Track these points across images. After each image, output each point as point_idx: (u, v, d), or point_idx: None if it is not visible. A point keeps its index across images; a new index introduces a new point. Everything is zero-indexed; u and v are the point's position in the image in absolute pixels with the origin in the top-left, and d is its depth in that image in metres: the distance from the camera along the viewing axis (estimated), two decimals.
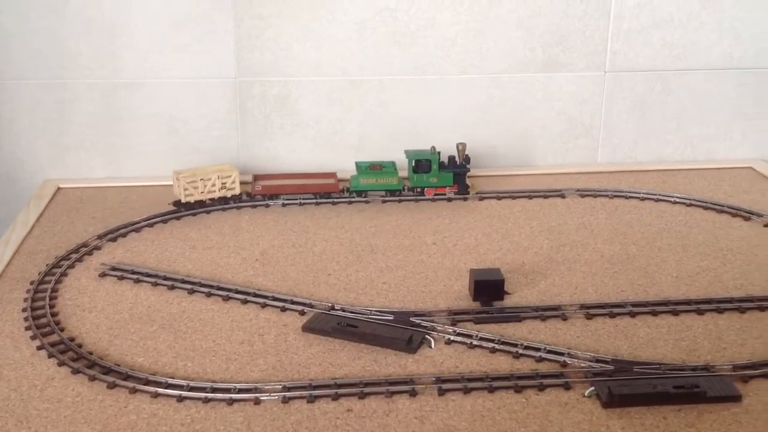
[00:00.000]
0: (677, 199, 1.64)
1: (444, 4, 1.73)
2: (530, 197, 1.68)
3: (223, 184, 1.60)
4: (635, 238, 1.49)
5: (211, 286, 1.30)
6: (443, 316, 1.23)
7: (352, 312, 1.24)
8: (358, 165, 1.68)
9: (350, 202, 1.65)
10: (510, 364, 1.12)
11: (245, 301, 1.27)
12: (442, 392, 1.06)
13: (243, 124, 1.77)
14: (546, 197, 1.68)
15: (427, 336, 1.18)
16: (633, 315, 1.23)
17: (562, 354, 1.13)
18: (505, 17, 1.75)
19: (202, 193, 1.59)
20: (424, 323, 1.21)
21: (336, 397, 1.04)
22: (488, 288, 1.28)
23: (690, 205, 1.62)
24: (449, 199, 1.66)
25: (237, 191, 1.62)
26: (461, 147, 1.65)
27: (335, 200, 1.64)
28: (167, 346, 1.16)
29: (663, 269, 1.37)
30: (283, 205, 1.63)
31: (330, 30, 1.73)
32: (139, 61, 1.72)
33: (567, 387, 1.07)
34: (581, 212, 1.61)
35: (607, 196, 1.68)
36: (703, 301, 1.26)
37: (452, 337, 1.18)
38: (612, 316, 1.23)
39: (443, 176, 1.65)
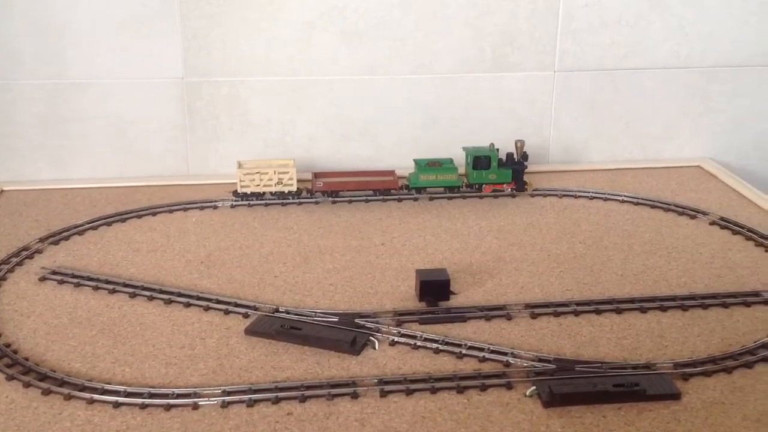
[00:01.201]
0: (625, 198, 1.65)
1: (393, 4, 1.73)
2: (480, 197, 1.68)
3: (280, 179, 1.62)
4: (582, 237, 1.49)
5: (154, 290, 1.28)
6: (388, 317, 1.22)
7: (296, 314, 1.22)
8: (416, 162, 1.68)
9: (299, 204, 1.64)
10: (453, 364, 1.12)
11: (188, 305, 1.25)
12: (384, 394, 1.05)
13: (192, 125, 1.75)
14: (496, 197, 1.68)
15: (371, 337, 1.17)
16: (577, 314, 1.24)
17: (505, 354, 1.13)
18: (454, 17, 1.75)
19: (257, 185, 1.61)
20: (369, 324, 1.20)
21: (276, 401, 1.03)
22: (434, 288, 1.28)
23: (637, 203, 1.63)
24: (399, 200, 1.66)
25: (294, 188, 1.64)
26: (519, 144, 1.66)
27: (338, 199, 1.65)
28: (106, 351, 1.14)
29: (608, 268, 1.38)
30: (232, 206, 1.62)
31: (279, 29, 1.72)
32: (85, 61, 1.69)
33: (509, 387, 1.06)
34: (531, 212, 1.61)
35: (556, 195, 1.68)
36: (647, 299, 1.26)
37: (396, 338, 1.17)
38: (556, 315, 1.23)
39: (502, 173, 1.66)
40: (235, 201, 1.62)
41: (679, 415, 1.01)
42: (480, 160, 1.66)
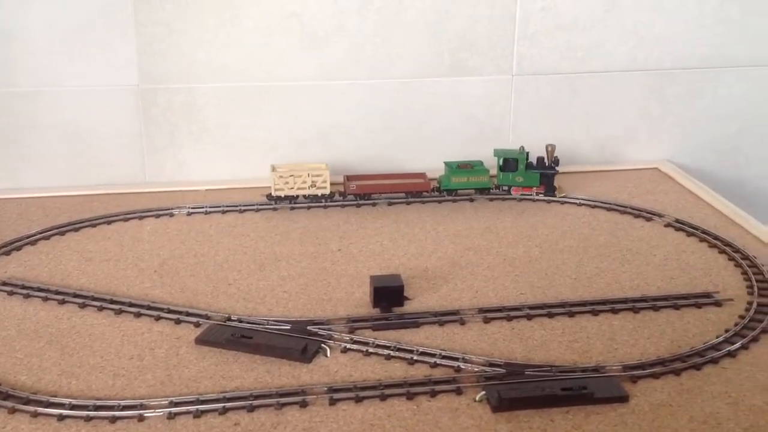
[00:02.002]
0: (582, 201, 1.66)
1: (351, 9, 1.72)
2: (439, 202, 1.68)
3: (313, 182, 1.62)
4: (538, 241, 1.50)
5: (104, 300, 1.27)
6: (341, 324, 1.22)
7: (248, 322, 1.22)
8: (447, 164, 1.69)
9: (257, 210, 1.63)
10: (405, 370, 1.11)
11: (138, 315, 1.24)
12: (333, 402, 1.04)
13: (148, 133, 1.74)
14: (455, 201, 1.68)
15: (323, 345, 1.16)
16: (530, 318, 1.24)
17: (456, 359, 1.13)
18: (412, 22, 1.75)
19: (291, 188, 1.63)
20: (322, 332, 1.19)
21: (224, 411, 1.02)
22: (388, 294, 1.27)
23: (594, 206, 1.64)
24: (358, 205, 1.65)
25: (327, 191, 1.65)
26: (551, 148, 1.66)
27: (342, 202, 1.65)
28: (53, 363, 1.12)
29: (563, 271, 1.38)
30: (189, 214, 1.61)
31: (235, 35, 1.71)
32: (38, 69, 1.67)
33: (459, 392, 1.06)
34: (488, 216, 1.61)
35: (514, 199, 1.69)
36: (599, 302, 1.27)
37: (349, 346, 1.16)
38: (509, 319, 1.23)
39: (529, 176, 1.67)
40: (269, 204, 1.63)
41: (626, 417, 1.01)
42: (508, 162, 1.67)
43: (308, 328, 1.20)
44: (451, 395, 1.06)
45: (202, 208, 1.62)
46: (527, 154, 1.67)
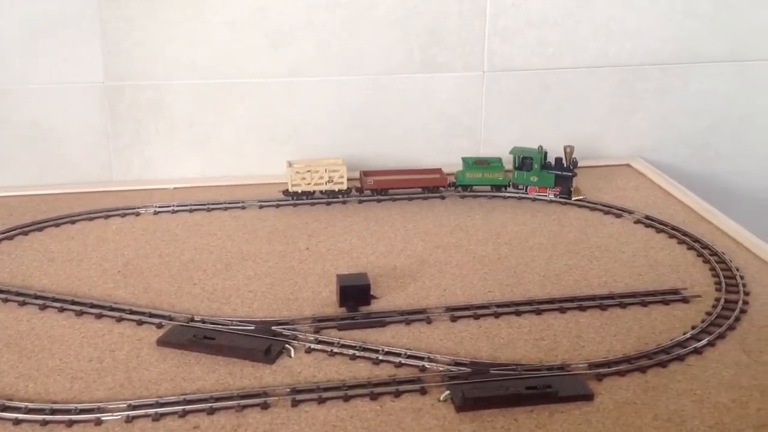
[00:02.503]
0: (553, 198, 1.65)
1: (319, 5, 1.71)
2: (410, 199, 1.67)
3: (330, 177, 1.61)
4: (508, 238, 1.49)
5: (65, 301, 1.24)
6: (307, 323, 1.21)
7: (212, 323, 1.20)
8: (464, 160, 1.68)
9: (225, 209, 1.61)
10: (369, 371, 1.10)
11: (100, 316, 1.22)
12: (295, 403, 1.03)
13: (114, 130, 1.71)
14: (425, 199, 1.67)
15: (287, 345, 1.15)
16: (497, 316, 1.23)
17: (422, 358, 1.12)
18: (382, 18, 1.73)
19: (308, 184, 1.63)
20: (286, 332, 1.18)
21: (183, 414, 1.00)
22: (354, 293, 1.26)
23: (565, 203, 1.64)
24: (327, 203, 1.64)
25: (344, 186, 1.65)
26: (569, 150, 1.63)
27: (347, 199, 1.65)
28: (10, 366, 1.10)
29: (531, 269, 1.38)
30: (155, 213, 1.59)
31: (201, 31, 1.68)
32: (1, 67, 1.64)
33: (423, 392, 1.05)
34: (459, 213, 1.60)
35: (486, 196, 1.68)
36: (566, 299, 1.26)
37: (313, 346, 1.15)
38: (476, 317, 1.22)
39: (544, 176, 1.64)
40: (238, 203, 1.62)
41: (590, 416, 1.00)
42: (524, 161, 1.65)
43: (272, 328, 1.19)
44: (415, 395, 1.04)
45: (169, 206, 1.60)
46: (545, 154, 1.65)
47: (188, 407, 1.01)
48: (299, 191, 1.64)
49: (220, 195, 1.67)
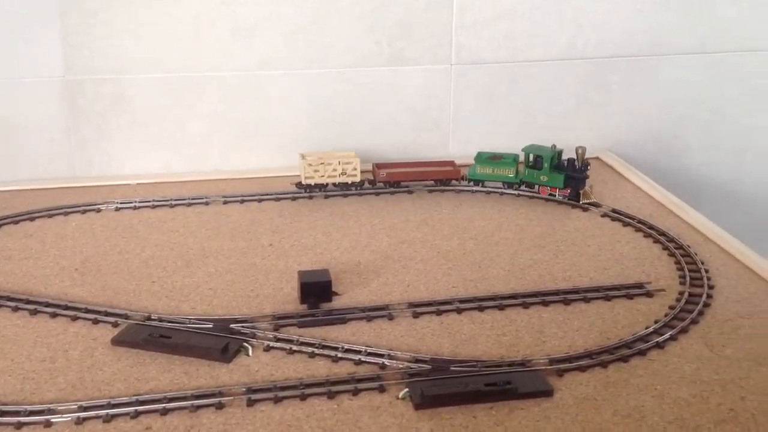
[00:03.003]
0: (520, 192, 1.64)
1: None
2: (377, 194, 1.65)
3: (344, 170, 1.61)
4: (474, 233, 1.48)
5: (20, 300, 1.22)
6: (266, 321, 1.19)
7: (169, 322, 1.18)
8: (479, 155, 1.66)
9: (189, 204, 1.58)
10: (328, 369, 1.08)
11: (55, 315, 1.19)
12: (251, 403, 1.01)
13: (76, 125, 1.68)
14: (393, 193, 1.65)
15: (245, 343, 1.13)
16: (459, 312, 1.21)
17: (382, 356, 1.10)
18: (348, 11, 1.71)
19: (322, 177, 1.62)
20: (245, 330, 1.16)
21: (135, 415, 0.98)
22: (315, 290, 1.24)
23: (532, 197, 1.62)
24: (293, 198, 1.62)
25: (357, 178, 1.64)
26: (581, 151, 1.57)
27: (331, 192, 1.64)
28: None
29: (496, 263, 1.36)
30: (117, 209, 1.56)
31: (165, 24, 1.66)
32: None
33: (382, 390, 1.03)
34: (426, 208, 1.59)
35: (453, 191, 1.67)
36: (530, 294, 1.25)
37: (272, 344, 1.13)
38: (438, 313, 1.21)
39: (554, 176, 1.59)
40: (201, 199, 1.59)
41: (549, 412, 0.99)
42: (536, 159, 1.61)
43: (231, 326, 1.16)
44: (373, 393, 1.03)
45: (131, 203, 1.58)
46: (558, 153, 1.60)
47: (141, 408, 0.99)
48: (312, 184, 1.62)
49: (185, 191, 1.65)
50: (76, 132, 1.68)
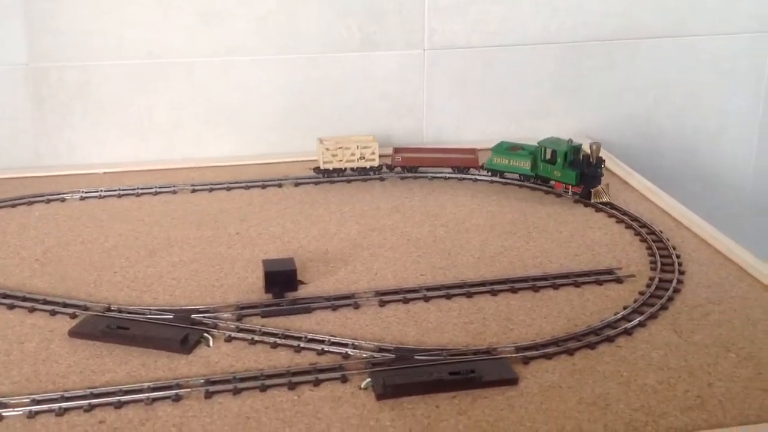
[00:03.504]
0: (494, 179, 1.61)
1: None
2: (348, 181, 1.62)
3: (362, 154, 1.59)
4: (445, 220, 1.45)
5: None
6: (229, 311, 1.16)
7: (129, 312, 1.15)
8: (500, 144, 1.61)
9: (156, 193, 1.55)
10: (290, 359, 1.06)
11: (12, 307, 1.16)
12: (209, 395, 0.98)
13: (40, 114, 1.64)
14: (364, 180, 1.63)
15: (205, 334, 1.10)
16: (427, 300, 1.19)
17: (345, 345, 1.08)
18: None
19: (340, 161, 1.60)
20: (206, 320, 1.13)
21: (89, 409, 0.96)
22: (280, 279, 1.21)
23: (505, 184, 1.60)
24: (263, 186, 1.59)
25: (376, 163, 1.62)
26: (595, 147, 1.48)
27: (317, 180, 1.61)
28: None
29: (466, 251, 1.34)
30: (82, 198, 1.53)
31: (131, 9, 1.62)
32: None
33: (344, 380, 1.01)
34: (398, 195, 1.56)
35: (426, 177, 1.64)
36: (498, 281, 1.23)
37: (234, 334, 1.11)
38: (405, 302, 1.19)
39: (567, 172, 1.51)
40: (169, 187, 1.56)
41: (513, 400, 0.97)
42: (551, 153, 1.53)
43: (192, 316, 1.14)
44: (335, 384, 1.01)
45: (97, 192, 1.55)
46: (573, 148, 1.51)
47: (95, 401, 0.96)
48: (330, 168, 1.61)
49: (153, 179, 1.62)
50: (41, 120, 1.65)
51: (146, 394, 0.98)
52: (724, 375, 1.02)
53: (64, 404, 0.96)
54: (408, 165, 1.64)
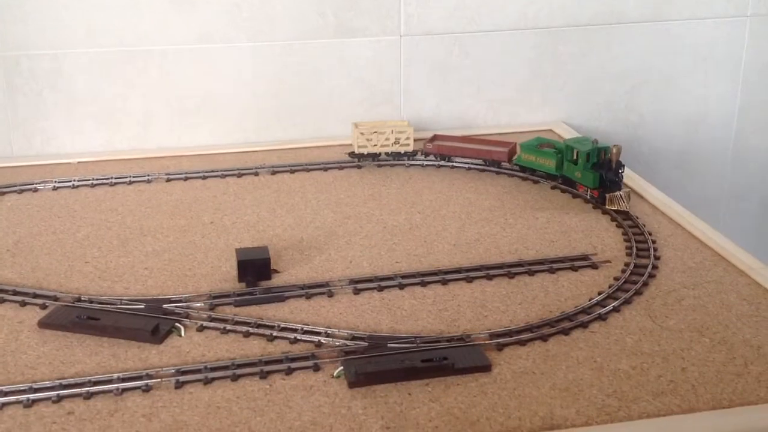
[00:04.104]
0: (471, 165, 1.61)
1: None
2: (325, 169, 1.61)
3: (396, 139, 1.59)
4: (422, 207, 1.44)
5: None
6: (201, 300, 1.15)
7: (99, 303, 1.14)
8: (537, 139, 1.56)
9: (130, 183, 1.53)
10: (263, 348, 1.05)
11: None
12: (180, 385, 0.97)
13: (12, 104, 1.62)
14: (341, 168, 1.62)
15: (177, 324, 1.09)
16: (402, 287, 1.18)
17: (319, 334, 1.07)
18: None
19: (375, 146, 1.60)
20: (179, 310, 1.12)
21: (58, 400, 0.94)
22: (253, 268, 1.20)
23: (483, 170, 1.60)
24: (239, 175, 1.58)
25: (410, 148, 1.62)
26: (615, 150, 1.39)
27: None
28: None
29: (443, 238, 1.33)
30: (54, 188, 1.51)
31: None
32: None
33: (316, 369, 1.00)
34: (374, 182, 1.55)
35: (403, 165, 1.63)
36: (474, 268, 1.22)
37: (206, 324, 1.10)
38: (380, 289, 1.18)
39: (586, 174, 1.42)
40: (143, 176, 1.54)
41: (486, 387, 0.96)
42: (574, 153, 1.45)
43: (164, 306, 1.13)
44: (308, 372, 1.00)
45: (70, 181, 1.53)
46: (597, 150, 1.41)
47: (63, 392, 0.95)
48: (365, 153, 1.60)
49: (127, 169, 1.60)
50: (12, 110, 1.62)
51: (115, 385, 0.97)
52: (698, 359, 1.02)
53: (32, 395, 0.94)
54: (440, 153, 1.62)
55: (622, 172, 1.41)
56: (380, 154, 1.62)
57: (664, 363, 1.01)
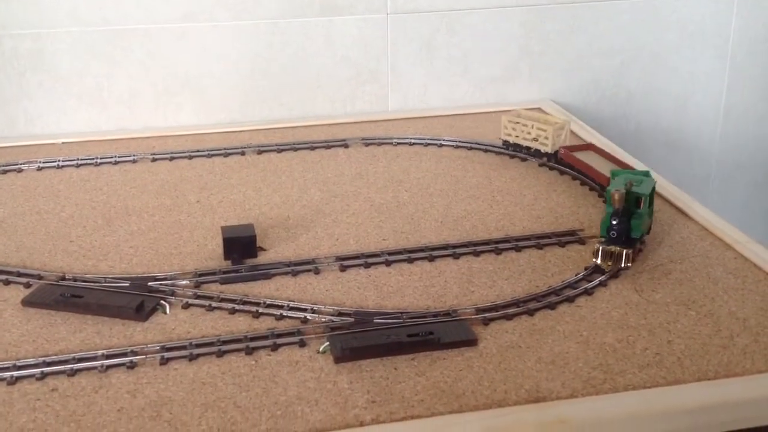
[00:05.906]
0: (459, 143, 1.60)
1: None
2: (312, 148, 1.60)
3: (536, 136, 1.50)
4: (409, 185, 1.44)
5: None
6: (187, 278, 1.14)
7: (84, 281, 1.13)
8: (618, 173, 1.25)
9: (115, 163, 1.52)
10: (248, 324, 1.05)
11: None
12: (164, 361, 0.97)
13: None
14: (328, 147, 1.61)
15: (162, 301, 1.09)
16: (388, 264, 1.18)
17: (305, 310, 1.06)
18: None
19: (517, 137, 1.53)
20: (163, 288, 1.12)
21: (42, 377, 0.94)
22: (239, 245, 1.19)
23: (471, 148, 1.59)
24: (225, 154, 1.57)
25: (549, 149, 1.49)
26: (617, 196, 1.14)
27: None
28: None
29: (430, 215, 1.33)
30: (39, 169, 1.50)
31: None
32: None
33: (302, 344, 1.00)
34: (361, 161, 1.55)
35: (391, 143, 1.62)
36: (461, 245, 1.22)
37: (191, 301, 1.09)
38: (366, 266, 1.17)
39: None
40: (128, 156, 1.52)
41: (472, 361, 0.96)
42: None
43: (149, 284, 1.12)
44: (293, 348, 0.99)
45: (55, 162, 1.52)
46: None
47: (47, 369, 0.95)
48: (510, 141, 1.55)
49: (112, 149, 1.59)
50: None
51: (100, 362, 0.96)
52: (684, 332, 1.02)
53: (15, 372, 0.94)
54: (567, 163, 1.46)
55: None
56: (523, 146, 1.52)
57: (650, 336, 1.01)
